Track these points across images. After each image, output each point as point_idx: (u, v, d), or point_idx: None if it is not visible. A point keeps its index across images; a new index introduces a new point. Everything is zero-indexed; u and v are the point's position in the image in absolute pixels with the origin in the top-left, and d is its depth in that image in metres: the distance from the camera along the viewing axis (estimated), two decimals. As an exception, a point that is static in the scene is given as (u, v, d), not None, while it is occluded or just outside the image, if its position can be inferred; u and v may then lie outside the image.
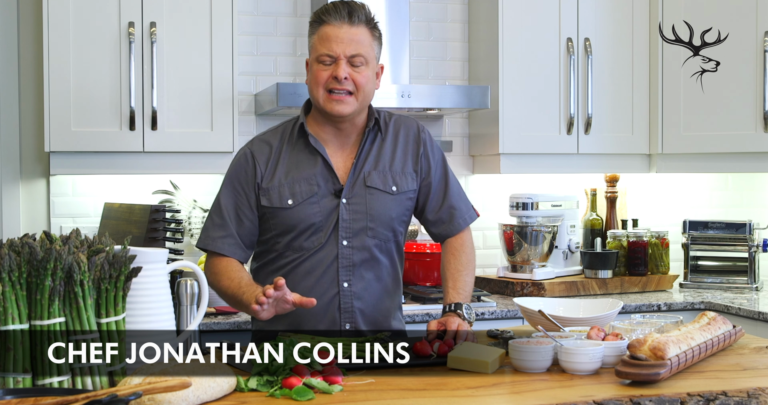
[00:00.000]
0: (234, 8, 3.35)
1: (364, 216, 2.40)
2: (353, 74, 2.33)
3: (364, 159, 2.43)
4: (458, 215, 2.52)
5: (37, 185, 3.56)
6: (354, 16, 2.34)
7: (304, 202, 2.37)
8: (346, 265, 2.40)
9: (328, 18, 2.34)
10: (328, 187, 2.39)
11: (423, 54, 3.88)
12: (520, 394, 1.82)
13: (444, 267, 2.50)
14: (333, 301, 2.40)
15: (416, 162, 2.48)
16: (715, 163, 3.76)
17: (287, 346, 1.87)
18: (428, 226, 2.55)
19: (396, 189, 2.44)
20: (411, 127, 2.51)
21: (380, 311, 2.45)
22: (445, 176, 2.53)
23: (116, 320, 1.77)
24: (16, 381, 1.66)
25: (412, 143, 2.49)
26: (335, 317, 2.40)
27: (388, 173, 2.44)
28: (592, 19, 3.72)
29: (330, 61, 2.33)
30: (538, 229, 3.66)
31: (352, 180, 2.40)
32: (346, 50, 2.32)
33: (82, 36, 3.23)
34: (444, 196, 2.51)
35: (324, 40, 2.33)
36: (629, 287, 3.74)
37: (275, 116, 3.68)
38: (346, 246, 2.39)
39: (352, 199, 2.39)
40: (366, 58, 2.35)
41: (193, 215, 3.52)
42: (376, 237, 2.42)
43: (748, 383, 1.87)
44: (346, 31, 2.32)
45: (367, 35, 2.36)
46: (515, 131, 3.66)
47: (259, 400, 1.75)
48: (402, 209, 2.46)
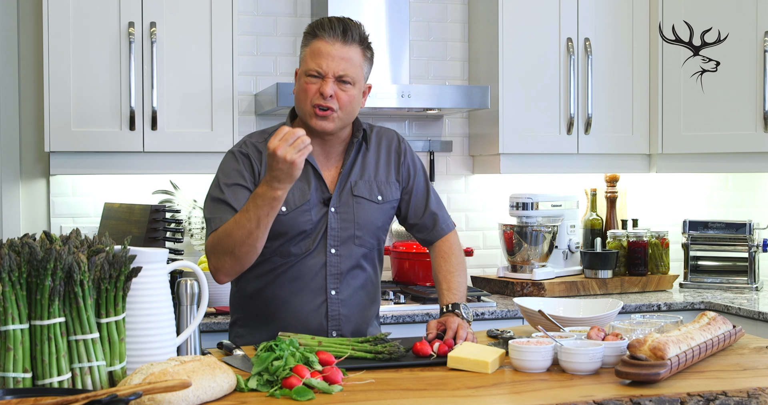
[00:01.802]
0: (234, 8, 3.36)
1: (351, 224, 2.42)
2: (339, 93, 2.32)
3: (350, 169, 2.45)
4: (440, 221, 2.57)
5: (37, 185, 3.56)
6: (348, 34, 2.33)
7: (296, 209, 2.38)
8: (333, 273, 2.41)
9: (321, 33, 2.33)
10: (318, 195, 2.41)
11: (423, 54, 3.89)
12: (520, 394, 1.82)
13: (436, 270, 2.53)
14: (320, 308, 2.40)
15: (398, 171, 2.52)
16: (715, 163, 3.76)
17: (287, 346, 1.87)
18: (413, 232, 2.60)
19: (381, 198, 2.47)
20: (392, 139, 2.54)
21: (363, 318, 2.48)
22: (425, 184, 2.57)
23: (116, 320, 1.77)
24: (16, 381, 1.66)
25: (394, 154, 2.52)
26: (322, 324, 2.40)
27: (373, 183, 2.47)
28: (592, 19, 3.72)
29: (318, 75, 2.32)
30: (538, 229, 3.66)
31: (339, 189, 2.42)
32: (335, 69, 2.31)
33: (82, 36, 3.23)
34: (426, 203, 2.56)
35: (315, 55, 2.32)
36: (629, 287, 3.74)
37: (275, 116, 3.68)
38: (334, 254, 2.41)
39: (340, 207, 2.42)
40: (354, 78, 2.33)
41: (193, 215, 3.52)
42: (363, 245, 2.45)
43: (748, 383, 1.87)
44: (338, 49, 2.31)
45: (359, 55, 2.35)
46: (515, 131, 3.66)
47: (259, 400, 1.75)
48: (386, 218, 2.50)
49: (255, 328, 2.46)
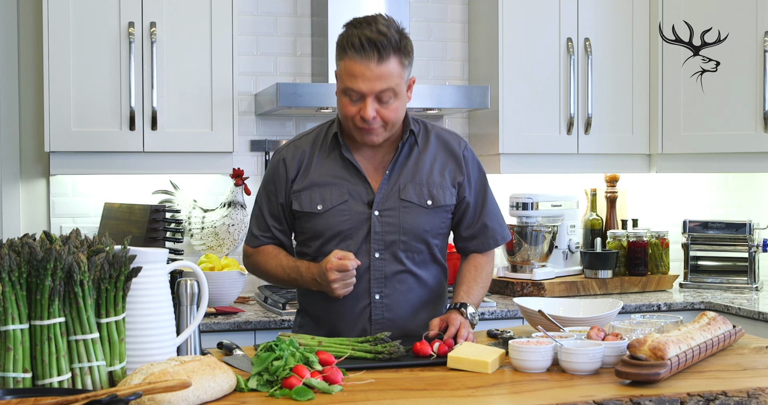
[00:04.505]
0: (234, 8, 3.36)
1: (397, 229, 2.36)
2: (381, 111, 2.24)
3: (399, 171, 2.39)
4: (489, 234, 2.47)
5: (37, 185, 3.56)
6: (383, 52, 2.19)
7: (333, 208, 2.35)
8: (378, 277, 2.37)
9: (353, 55, 2.20)
10: (361, 196, 2.36)
11: (423, 54, 3.88)
12: (520, 394, 1.82)
13: (461, 274, 2.47)
14: (364, 311, 2.38)
15: (455, 177, 2.42)
16: (715, 163, 3.76)
17: (287, 346, 1.87)
18: (457, 241, 2.52)
19: (431, 203, 2.38)
20: (453, 142, 2.45)
21: (416, 322, 2.40)
22: (483, 194, 2.48)
23: (116, 320, 1.77)
24: (16, 381, 1.66)
25: (453, 158, 2.43)
26: (366, 328, 2.37)
27: (424, 186, 2.38)
28: (592, 19, 3.72)
29: (357, 96, 2.23)
30: (538, 229, 3.66)
31: (385, 191, 2.37)
32: (373, 89, 2.20)
33: (82, 36, 3.23)
34: (480, 214, 2.46)
35: (349, 76, 2.21)
36: (629, 287, 3.74)
37: (275, 116, 3.68)
38: (378, 258, 2.36)
39: (384, 211, 2.36)
40: (396, 90, 2.23)
41: (193, 215, 3.52)
42: (409, 250, 2.38)
43: (748, 383, 1.87)
44: (374, 69, 2.19)
45: (397, 65, 2.22)
46: (515, 131, 3.66)
47: (259, 400, 1.75)
48: (437, 222, 2.41)
49: (313, 323, 2.44)
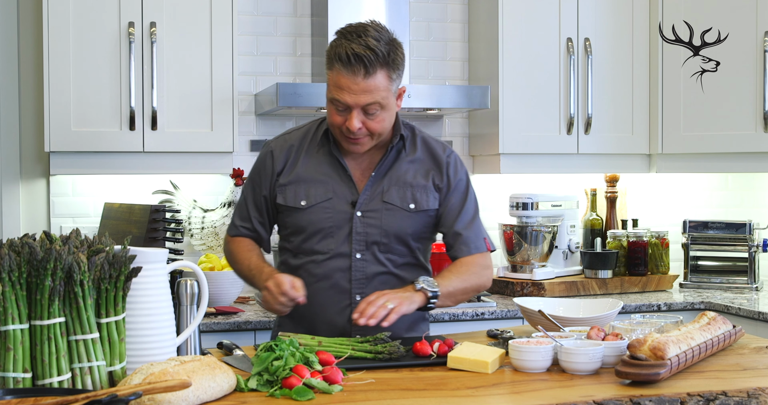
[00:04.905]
0: (234, 8, 3.36)
1: (378, 230, 2.36)
2: (367, 122, 2.26)
3: (384, 173, 2.39)
4: (462, 241, 2.42)
5: (37, 185, 3.56)
6: (369, 67, 2.19)
7: (317, 205, 2.36)
8: (359, 278, 2.37)
9: (340, 68, 2.21)
10: (345, 195, 2.37)
11: (423, 54, 3.88)
12: (520, 394, 1.82)
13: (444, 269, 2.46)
14: (344, 311, 2.38)
15: (438, 182, 2.42)
16: (715, 163, 3.76)
17: (287, 346, 1.87)
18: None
19: (414, 207, 2.38)
20: (438, 148, 2.45)
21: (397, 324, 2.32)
22: (461, 202, 2.44)
23: (116, 320, 1.77)
24: (16, 381, 1.66)
25: (436, 163, 2.43)
26: (345, 328, 2.37)
27: (408, 189, 2.39)
28: (592, 19, 3.72)
29: (343, 107, 2.25)
30: (538, 229, 3.66)
31: (369, 193, 2.37)
32: (359, 101, 2.22)
33: (82, 36, 3.23)
34: (455, 222, 2.42)
35: (336, 87, 2.23)
36: (629, 287, 3.74)
37: (275, 116, 3.68)
38: (359, 258, 2.36)
39: (367, 212, 2.36)
40: (382, 103, 2.24)
41: (193, 215, 3.52)
42: (390, 252, 2.38)
43: (748, 383, 1.87)
44: (360, 82, 2.20)
45: (384, 79, 2.23)
46: (515, 131, 3.66)
47: (259, 400, 1.75)
48: (419, 226, 2.41)
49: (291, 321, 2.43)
